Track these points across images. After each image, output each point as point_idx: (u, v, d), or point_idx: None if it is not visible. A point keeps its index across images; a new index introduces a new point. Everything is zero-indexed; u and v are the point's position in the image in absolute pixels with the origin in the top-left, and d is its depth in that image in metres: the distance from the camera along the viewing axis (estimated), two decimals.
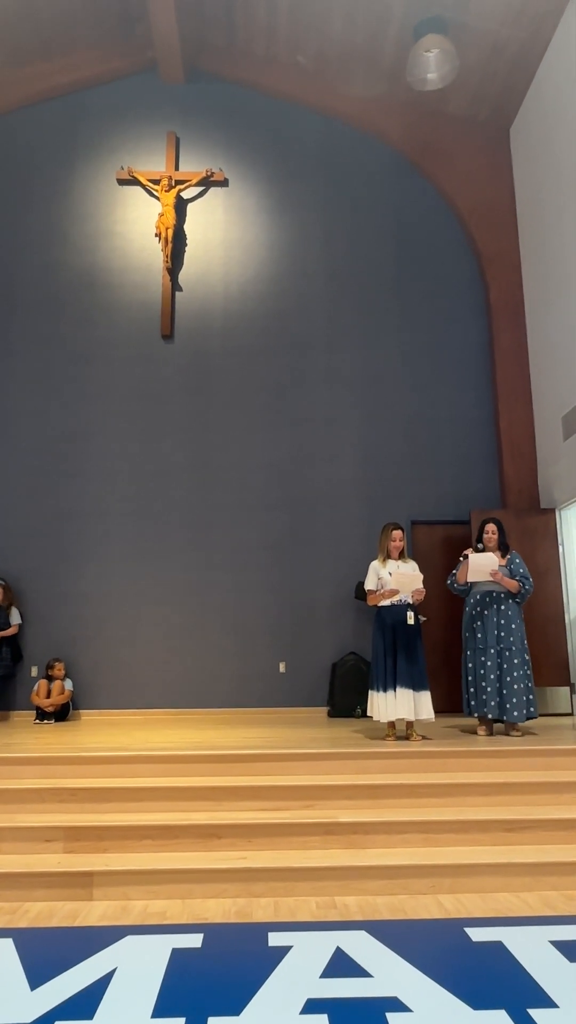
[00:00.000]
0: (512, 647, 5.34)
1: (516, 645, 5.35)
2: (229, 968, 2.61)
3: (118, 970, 2.61)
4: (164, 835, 3.71)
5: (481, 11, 7.56)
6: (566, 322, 7.36)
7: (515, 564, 5.53)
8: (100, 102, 9.07)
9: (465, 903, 3.31)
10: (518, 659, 5.32)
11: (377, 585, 5.34)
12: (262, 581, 7.86)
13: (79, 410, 8.22)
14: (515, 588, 5.45)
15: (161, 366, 8.38)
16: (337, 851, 3.69)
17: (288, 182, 8.90)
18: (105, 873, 3.40)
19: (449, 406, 8.36)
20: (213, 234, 8.77)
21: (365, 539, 7.86)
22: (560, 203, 7.52)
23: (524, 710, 5.24)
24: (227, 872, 3.43)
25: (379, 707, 5.14)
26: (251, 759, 4.37)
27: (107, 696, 7.55)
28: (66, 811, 3.97)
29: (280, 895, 3.40)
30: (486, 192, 8.78)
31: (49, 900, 3.35)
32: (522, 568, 5.53)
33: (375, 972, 2.58)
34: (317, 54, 8.73)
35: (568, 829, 3.80)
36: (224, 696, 7.59)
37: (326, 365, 8.43)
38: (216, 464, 8.14)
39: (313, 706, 7.57)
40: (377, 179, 8.93)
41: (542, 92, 7.98)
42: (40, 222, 8.69)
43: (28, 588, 7.73)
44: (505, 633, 5.38)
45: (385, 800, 4.06)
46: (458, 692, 7.51)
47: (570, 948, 2.76)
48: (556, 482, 7.54)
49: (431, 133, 8.88)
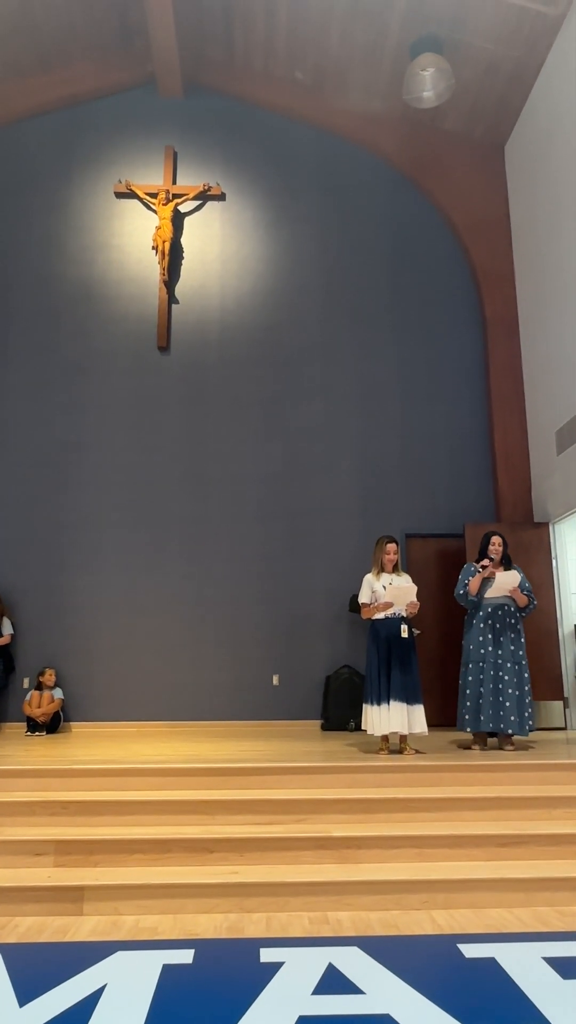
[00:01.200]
0: (521, 661, 5.41)
1: (524, 659, 5.44)
2: (220, 985, 2.59)
3: (108, 986, 2.58)
4: (156, 849, 3.69)
5: (477, 30, 7.66)
6: (560, 337, 7.41)
7: (522, 579, 5.57)
8: (99, 115, 9.14)
9: (458, 919, 3.29)
10: (527, 673, 5.42)
11: (371, 598, 5.35)
12: (256, 593, 7.85)
13: (74, 421, 8.22)
14: (524, 603, 5.53)
15: (157, 378, 8.39)
16: (330, 866, 3.66)
17: (285, 197, 8.97)
18: (96, 888, 3.37)
19: (444, 419, 8.40)
20: (210, 247, 8.82)
21: (359, 552, 7.86)
22: (554, 219, 7.59)
23: (528, 723, 5.29)
24: (219, 887, 3.40)
25: (373, 720, 5.14)
26: (244, 772, 4.35)
27: (99, 708, 7.51)
28: (57, 824, 3.93)
29: (272, 910, 3.38)
30: (481, 208, 8.85)
31: (39, 915, 3.32)
32: (527, 583, 5.59)
33: (367, 989, 2.55)
34: (315, 70, 8.82)
35: (562, 844, 3.79)
36: (217, 709, 7.56)
37: (321, 378, 8.46)
38: (211, 476, 8.15)
39: (306, 719, 7.54)
40: (373, 194, 9.01)
41: (537, 110, 8.08)
42: (38, 234, 8.72)
43: (21, 599, 7.70)
44: (515, 647, 5.43)
45: (378, 814, 4.04)
46: (452, 706, 7.49)
47: (563, 965, 2.75)
48: (550, 496, 7.57)
49: (427, 149, 8.97)
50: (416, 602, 5.27)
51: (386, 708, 5.09)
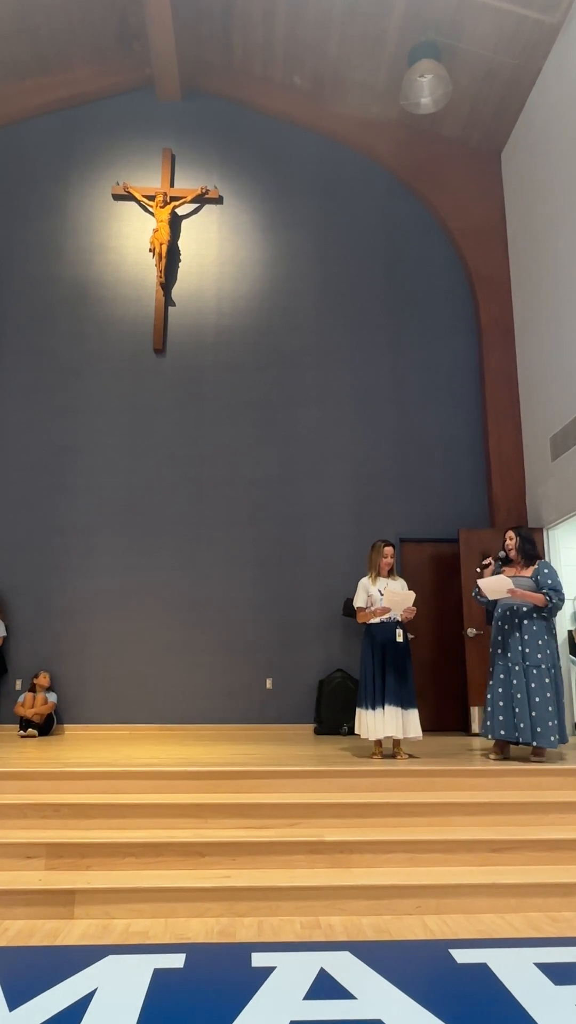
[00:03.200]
0: (540, 665, 4.97)
1: (546, 663, 4.98)
2: (211, 989, 2.58)
3: (99, 990, 2.57)
4: (148, 852, 3.67)
5: (475, 37, 7.70)
6: (555, 343, 7.44)
7: (543, 575, 5.12)
8: (97, 117, 9.14)
9: (450, 924, 3.28)
10: (548, 678, 4.96)
11: (367, 602, 5.33)
12: (250, 597, 7.84)
13: (69, 423, 8.20)
14: (541, 602, 5.04)
15: (152, 381, 8.39)
16: (322, 870, 3.66)
17: (282, 200, 8.98)
18: (87, 891, 3.35)
19: (439, 424, 8.41)
20: (207, 250, 8.83)
21: (353, 556, 7.86)
22: (549, 226, 7.62)
23: (554, 734, 4.86)
24: (211, 891, 3.39)
25: (367, 725, 5.12)
26: (236, 776, 4.33)
27: (92, 711, 7.48)
28: (48, 827, 3.92)
29: (264, 914, 3.37)
30: (477, 214, 8.88)
31: (30, 918, 3.30)
32: (551, 579, 5.09)
33: (359, 994, 2.55)
34: (313, 75, 8.85)
35: (554, 850, 3.79)
36: (210, 712, 7.54)
37: (317, 382, 8.47)
38: (205, 479, 8.14)
39: (300, 723, 7.53)
40: (370, 199, 9.03)
41: (533, 117, 8.11)
42: (35, 235, 8.71)
43: (14, 601, 7.67)
44: (530, 650, 5.01)
45: (371, 819, 4.04)
46: (447, 710, 7.53)
47: (555, 971, 2.75)
48: (544, 502, 7.59)
49: (424, 155, 9.00)
50: (413, 608, 5.26)
51: (381, 712, 5.07)
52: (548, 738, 4.85)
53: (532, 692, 4.94)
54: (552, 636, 5.14)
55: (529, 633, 5.07)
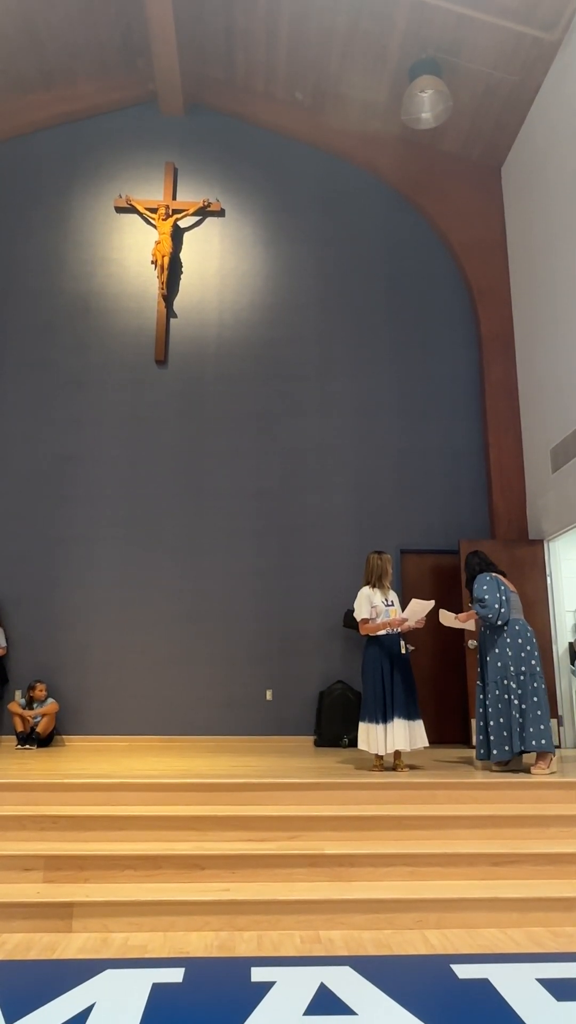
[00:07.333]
0: (492, 679, 5.09)
1: (498, 676, 5.07)
2: (211, 1004, 2.55)
3: (96, 1005, 2.54)
4: (147, 865, 3.65)
5: (475, 54, 7.78)
6: (555, 356, 7.47)
7: (472, 590, 5.34)
8: (100, 131, 9.22)
9: (451, 938, 3.26)
10: (503, 691, 5.04)
11: (371, 613, 5.27)
12: (250, 608, 7.83)
13: (71, 435, 8.22)
14: (475, 617, 5.29)
15: (154, 392, 8.41)
16: (322, 884, 3.63)
17: (284, 214, 9.05)
18: (85, 904, 3.33)
19: (439, 437, 8.43)
20: (209, 263, 8.88)
21: (354, 568, 7.85)
22: (549, 240, 7.67)
23: (502, 744, 4.96)
24: (210, 904, 3.37)
25: (375, 739, 5.01)
26: (236, 788, 4.31)
27: (92, 722, 7.45)
28: (47, 839, 3.89)
29: (264, 928, 3.34)
30: (478, 228, 8.94)
31: (27, 932, 3.27)
32: (476, 592, 5.25)
33: (359, 1009, 2.52)
34: (315, 91, 8.93)
35: (556, 864, 3.76)
36: (210, 724, 7.51)
37: (318, 394, 8.49)
38: (207, 490, 8.14)
39: (300, 735, 7.50)
40: (371, 213, 9.10)
41: (533, 133, 8.18)
42: (37, 248, 8.77)
43: (15, 612, 7.66)
44: (484, 666, 5.22)
45: (372, 832, 4.01)
46: (447, 722, 7.50)
47: (557, 986, 2.72)
48: (544, 513, 7.59)
49: (425, 170, 9.07)
50: (424, 618, 5.26)
51: (390, 726, 4.99)
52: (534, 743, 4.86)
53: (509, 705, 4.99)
54: (503, 647, 5.10)
55: (487, 650, 5.22)
